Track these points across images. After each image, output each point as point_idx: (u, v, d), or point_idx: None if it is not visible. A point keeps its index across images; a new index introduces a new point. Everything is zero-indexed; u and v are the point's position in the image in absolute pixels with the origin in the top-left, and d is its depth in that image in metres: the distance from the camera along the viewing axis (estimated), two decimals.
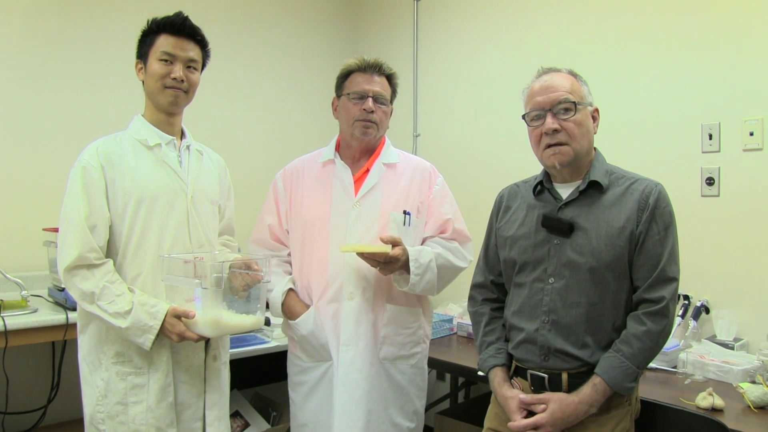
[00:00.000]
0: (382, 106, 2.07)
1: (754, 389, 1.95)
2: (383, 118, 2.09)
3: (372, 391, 2.02)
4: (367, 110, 2.03)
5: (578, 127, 1.68)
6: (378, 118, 2.06)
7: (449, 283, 2.12)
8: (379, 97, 2.06)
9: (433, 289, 2.04)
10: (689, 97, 2.60)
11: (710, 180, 2.53)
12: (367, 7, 4.11)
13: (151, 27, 1.86)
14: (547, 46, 3.11)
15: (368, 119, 2.04)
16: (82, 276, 1.74)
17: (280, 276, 2.11)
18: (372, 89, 2.05)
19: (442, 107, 3.63)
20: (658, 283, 1.62)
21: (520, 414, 1.67)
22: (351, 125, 2.06)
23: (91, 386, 1.83)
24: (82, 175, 1.78)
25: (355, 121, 2.05)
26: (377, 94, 2.05)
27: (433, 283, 2.01)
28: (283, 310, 2.09)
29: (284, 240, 2.17)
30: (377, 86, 2.06)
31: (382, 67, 2.09)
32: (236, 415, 2.90)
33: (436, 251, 2.04)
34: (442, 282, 2.06)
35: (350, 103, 2.06)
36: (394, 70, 2.14)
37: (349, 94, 2.06)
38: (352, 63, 2.09)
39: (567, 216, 1.70)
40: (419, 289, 1.99)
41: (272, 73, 3.81)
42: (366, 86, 2.05)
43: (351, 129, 2.07)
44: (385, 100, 2.08)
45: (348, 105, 2.07)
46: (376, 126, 2.06)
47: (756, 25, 2.42)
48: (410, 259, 1.94)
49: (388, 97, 2.10)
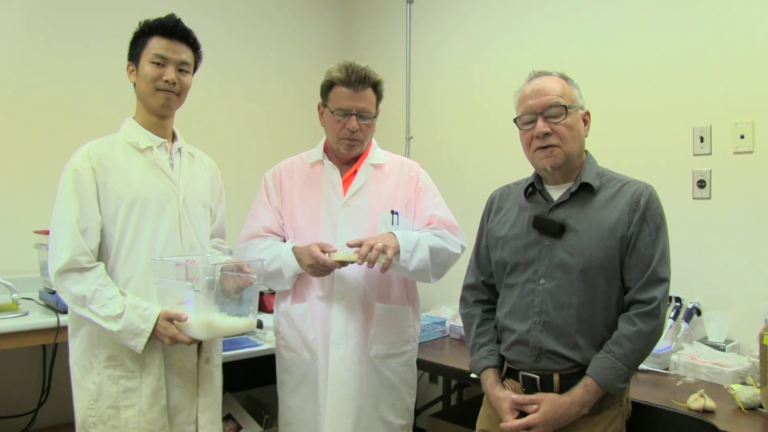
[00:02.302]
0: (366, 121, 2.06)
1: (744, 390, 1.96)
2: (368, 131, 2.09)
3: (362, 389, 2.03)
4: (351, 129, 2.02)
5: (569, 130, 1.69)
6: (362, 134, 2.06)
7: (446, 268, 2.11)
8: (363, 112, 2.04)
9: (428, 271, 2.03)
10: (681, 100, 2.61)
11: (702, 182, 2.55)
12: (360, 9, 4.11)
13: (143, 29, 1.85)
14: (538, 49, 3.12)
15: (353, 138, 2.04)
16: (73, 279, 1.73)
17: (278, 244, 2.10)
18: (356, 106, 2.02)
19: (434, 110, 3.63)
20: (650, 284, 1.63)
21: (513, 415, 1.67)
22: (336, 141, 2.07)
23: (82, 390, 1.82)
24: (74, 178, 1.77)
25: (339, 138, 2.05)
26: (361, 110, 2.03)
27: (426, 261, 2.01)
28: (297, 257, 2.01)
29: (280, 233, 2.16)
30: (361, 102, 2.03)
31: (367, 77, 2.03)
32: (228, 418, 2.89)
33: (423, 233, 2.06)
34: (438, 266, 2.06)
35: (334, 119, 2.04)
36: (380, 77, 2.08)
37: (333, 111, 2.03)
38: (335, 75, 2.03)
39: (558, 217, 1.70)
40: (412, 267, 1.98)
41: (264, 75, 3.81)
42: (349, 103, 2.01)
43: (336, 144, 2.08)
44: (370, 114, 2.07)
45: (332, 120, 2.05)
46: (360, 142, 2.07)
47: (747, 29, 2.43)
48: (397, 236, 1.96)
49: (373, 111, 2.08)
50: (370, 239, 1.92)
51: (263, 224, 2.15)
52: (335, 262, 1.93)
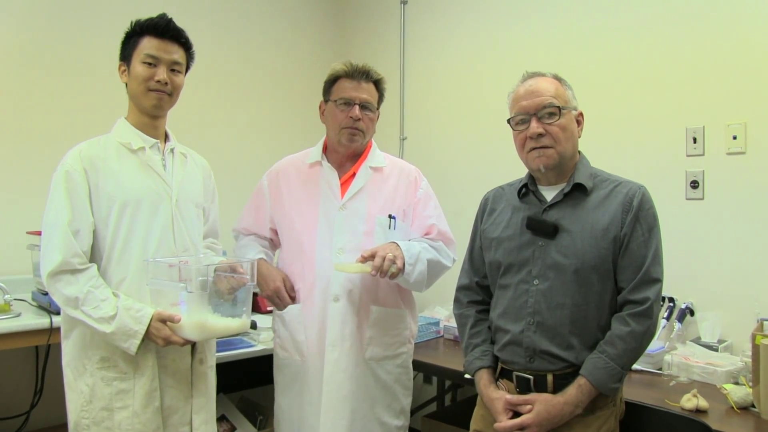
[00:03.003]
0: (368, 113, 2.08)
1: (737, 390, 1.96)
2: (369, 124, 2.10)
3: (357, 391, 2.03)
4: (354, 118, 2.04)
5: (563, 131, 1.69)
6: (364, 125, 2.07)
7: (436, 279, 2.13)
8: (366, 104, 2.06)
9: (423, 282, 2.05)
10: (674, 101, 2.62)
11: (695, 183, 2.55)
12: (355, 10, 4.11)
13: (135, 29, 1.85)
14: (532, 49, 3.12)
15: (355, 127, 2.05)
16: (65, 281, 1.72)
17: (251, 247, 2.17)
18: (359, 96, 2.05)
19: (428, 110, 3.63)
20: (643, 284, 1.63)
21: (507, 415, 1.67)
22: (338, 132, 2.07)
23: (75, 392, 1.81)
24: (65, 179, 1.76)
25: (341, 128, 2.06)
26: (364, 101, 2.06)
27: (424, 274, 2.02)
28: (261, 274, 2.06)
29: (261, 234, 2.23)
30: (364, 93, 2.06)
31: (370, 73, 2.09)
32: (223, 419, 2.89)
33: (422, 245, 2.07)
34: (431, 277, 2.08)
35: (337, 110, 2.06)
36: (382, 75, 2.13)
37: (336, 100, 2.06)
38: (340, 69, 2.08)
39: (551, 218, 1.71)
40: (412, 279, 1.99)
41: (258, 76, 3.80)
42: (353, 93, 2.05)
43: (338, 136, 2.07)
44: (372, 107, 2.09)
45: (335, 111, 2.07)
46: (362, 133, 2.07)
47: (739, 30, 2.44)
48: (402, 248, 1.96)
49: (375, 104, 2.11)
50: (380, 249, 1.91)
51: (245, 226, 2.24)
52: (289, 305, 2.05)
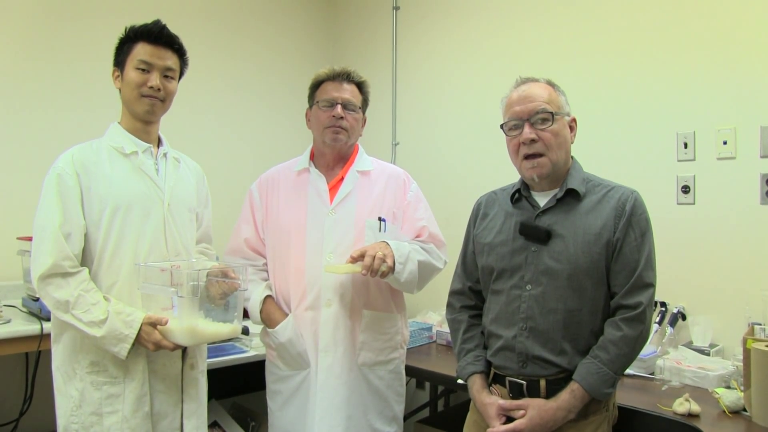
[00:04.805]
0: (351, 113, 2.09)
1: (729, 394, 1.97)
2: (354, 124, 2.11)
3: (351, 397, 2.02)
4: (336, 116, 2.05)
5: (555, 137, 1.69)
6: (348, 124, 2.08)
7: (428, 281, 2.13)
8: (348, 103, 2.08)
9: (414, 282, 2.04)
10: (665, 106, 2.63)
11: (686, 188, 2.57)
12: (347, 16, 4.11)
13: (128, 35, 1.85)
14: (524, 55, 3.13)
15: (338, 125, 2.06)
16: (56, 285, 1.71)
17: (257, 283, 2.12)
18: (341, 96, 2.08)
19: (420, 116, 3.64)
20: (635, 289, 1.63)
21: (499, 420, 1.67)
22: (321, 132, 2.09)
23: (65, 397, 1.79)
24: (57, 182, 1.76)
25: (324, 128, 2.07)
26: (346, 100, 2.08)
27: (415, 274, 2.02)
28: (261, 317, 2.09)
29: (261, 250, 2.18)
30: (346, 93, 2.09)
31: (351, 75, 2.13)
32: (214, 425, 2.87)
33: (413, 246, 2.07)
34: (422, 279, 2.08)
35: (320, 111, 2.08)
36: (364, 78, 2.16)
37: (319, 101, 2.09)
38: (322, 73, 2.13)
39: (544, 223, 1.71)
40: (403, 279, 1.98)
41: (249, 83, 3.79)
42: (335, 93, 2.08)
43: (322, 136, 2.09)
44: (355, 107, 2.10)
45: (318, 113, 2.09)
46: (346, 132, 2.08)
47: (730, 36, 2.46)
48: (392, 247, 1.96)
49: (359, 104, 2.12)
50: (369, 249, 1.91)
51: (245, 237, 2.18)
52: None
